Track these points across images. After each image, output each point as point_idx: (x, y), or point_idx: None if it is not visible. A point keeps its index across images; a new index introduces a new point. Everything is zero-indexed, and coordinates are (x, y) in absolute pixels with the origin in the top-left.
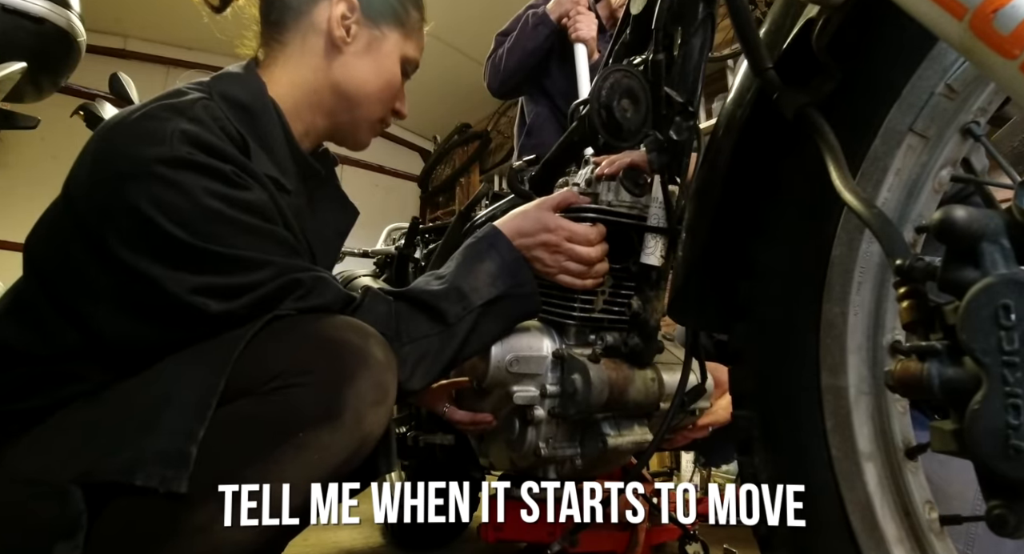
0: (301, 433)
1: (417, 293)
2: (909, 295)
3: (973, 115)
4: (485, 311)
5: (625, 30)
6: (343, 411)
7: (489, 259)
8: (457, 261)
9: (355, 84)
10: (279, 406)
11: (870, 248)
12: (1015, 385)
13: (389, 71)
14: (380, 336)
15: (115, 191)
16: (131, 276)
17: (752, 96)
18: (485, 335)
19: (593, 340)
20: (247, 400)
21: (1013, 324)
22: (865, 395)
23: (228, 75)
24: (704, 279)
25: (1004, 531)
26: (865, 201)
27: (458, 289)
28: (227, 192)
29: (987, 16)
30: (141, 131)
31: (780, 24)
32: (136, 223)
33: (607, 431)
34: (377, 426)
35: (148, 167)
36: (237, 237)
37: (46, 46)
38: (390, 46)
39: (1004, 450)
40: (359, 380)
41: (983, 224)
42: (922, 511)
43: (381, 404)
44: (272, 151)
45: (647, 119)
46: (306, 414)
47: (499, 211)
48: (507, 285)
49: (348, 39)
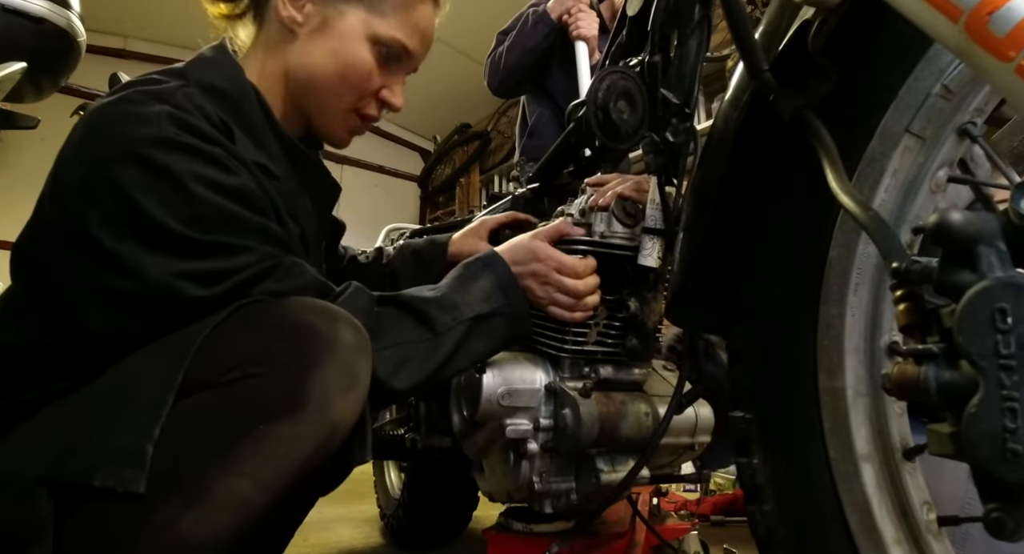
0: (261, 426)
1: (406, 298)
2: (906, 298)
3: (970, 116)
4: (475, 325)
5: (622, 31)
6: (306, 400)
7: (484, 277)
8: (451, 277)
9: (310, 69)
10: (236, 399)
11: (867, 249)
12: (1012, 388)
13: (349, 52)
14: (351, 317)
15: (100, 172)
16: (111, 260)
17: (748, 98)
18: (473, 351)
19: (587, 372)
20: (206, 393)
21: (1009, 327)
22: (863, 396)
23: (203, 61)
24: (702, 281)
25: (1002, 534)
26: (861, 203)
27: (450, 299)
28: (215, 176)
29: (982, 18)
30: (128, 113)
31: (776, 26)
32: (120, 206)
33: (601, 467)
34: (347, 414)
35: (135, 147)
36: (221, 223)
37: (46, 46)
38: (349, 24)
39: (1001, 453)
40: (323, 365)
41: (979, 227)
42: (920, 512)
43: (350, 390)
44: (256, 137)
45: (644, 121)
46: (265, 406)
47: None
48: (499, 303)
49: (299, 19)
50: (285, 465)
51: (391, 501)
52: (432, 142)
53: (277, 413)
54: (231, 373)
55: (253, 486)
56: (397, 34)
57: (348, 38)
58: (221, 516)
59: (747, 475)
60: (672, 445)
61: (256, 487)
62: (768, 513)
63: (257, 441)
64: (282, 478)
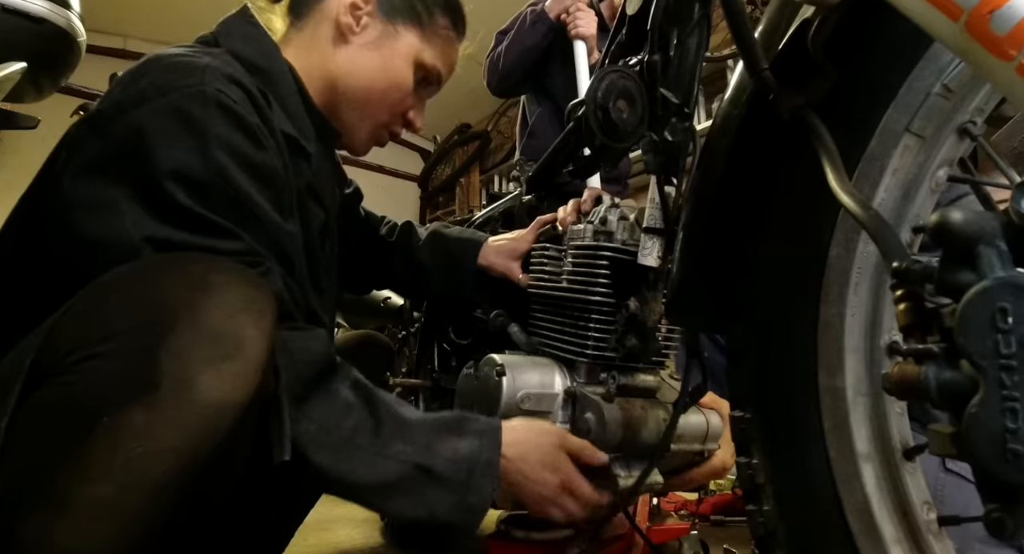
0: (106, 418)
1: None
2: (906, 297)
3: (970, 115)
4: (417, 476)
5: (621, 31)
6: (158, 381)
7: (467, 441)
8: (440, 417)
9: (358, 79)
10: (75, 387)
11: (867, 249)
12: (1012, 389)
13: (398, 71)
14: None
15: (125, 109)
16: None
17: (748, 97)
18: (398, 505)
19: (604, 378)
20: (51, 381)
21: (1010, 327)
22: (863, 396)
23: (238, 32)
24: (702, 280)
25: (1002, 535)
26: (861, 203)
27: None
28: (242, 147)
29: (983, 17)
30: (174, 63)
31: (776, 25)
32: (130, 149)
33: (618, 472)
34: (224, 392)
35: (170, 94)
36: (226, 201)
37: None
38: (403, 45)
39: (1002, 454)
40: (179, 333)
41: (980, 227)
42: (920, 512)
43: (226, 360)
44: (291, 114)
45: (643, 120)
46: (109, 392)
47: (496, 212)
48: (458, 476)
49: (356, 29)
50: (151, 461)
51: None
52: (432, 142)
53: (124, 400)
54: (72, 355)
55: (117, 490)
56: (437, 63)
57: (399, 58)
58: (93, 526)
59: (747, 475)
60: (684, 451)
61: (122, 490)
62: (768, 513)
63: (107, 438)
64: (155, 476)
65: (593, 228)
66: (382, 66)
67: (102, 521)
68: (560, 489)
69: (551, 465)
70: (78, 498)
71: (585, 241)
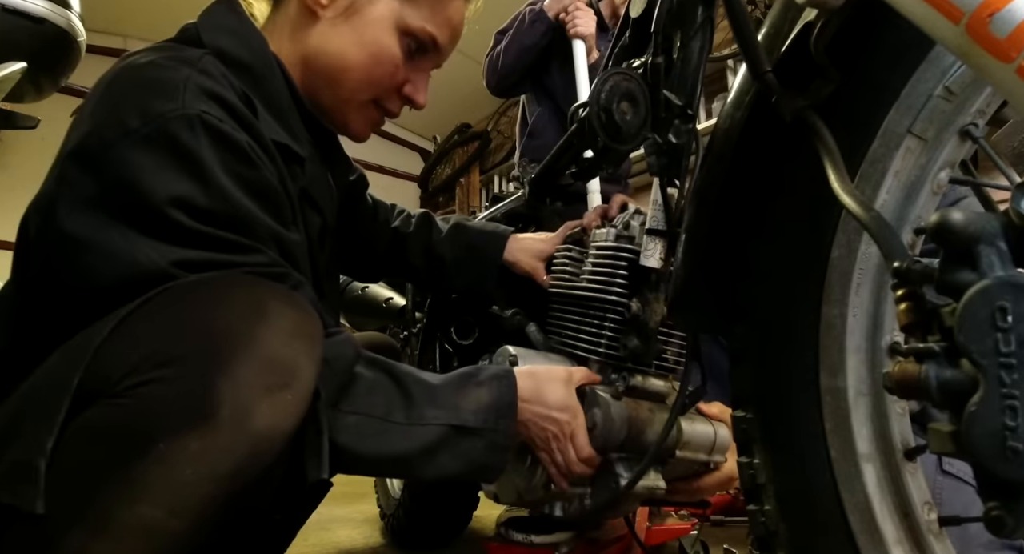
0: (162, 444)
1: (398, 371)
2: (907, 297)
3: (971, 117)
4: (451, 435)
5: (624, 33)
6: (216, 409)
7: (486, 389)
8: (456, 374)
9: (332, 56)
10: (132, 412)
11: (869, 249)
12: (1012, 387)
13: (376, 42)
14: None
15: (110, 142)
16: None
17: (751, 99)
18: (437, 465)
19: (615, 379)
20: (102, 404)
21: (1010, 326)
22: (864, 396)
23: (222, 25)
24: (704, 281)
25: (1002, 532)
26: (863, 204)
27: (441, 395)
28: (237, 168)
29: (983, 20)
30: (152, 80)
31: (778, 27)
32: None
33: (620, 472)
34: (278, 420)
35: (157, 123)
36: (234, 220)
37: (46, 46)
38: (379, 12)
39: (1002, 451)
40: (238, 362)
41: (980, 227)
42: (921, 512)
43: (280, 390)
44: (281, 115)
45: (646, 122)
46: (166, 419)
47: (498, 213)
48: (488, 423)
49: (324, 1)
50: (200, 487)
51: (391, 501)
52: (432, 142)
53: (181, 428)
54: (127, 379)
55: (162, 513)
56: (428, 26)
57: (377, 26)
58: (133, 546)
59: (748, 475)
60: (689, 460)
61: (166, 514)
62: (769, 513)
63: (160, 463)
64: (200, 502)
65: (616, 231)
66: (357, 40)
67: (141, 542)
68: (567, 430)
69: (561, 405)
70: (121, 519)
71: (607, 242)
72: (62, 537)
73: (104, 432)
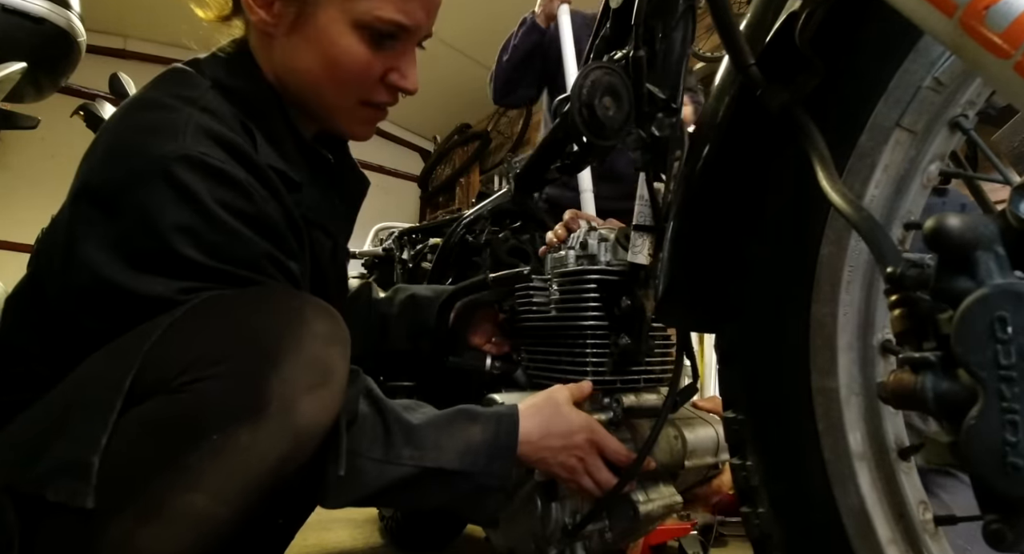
0: (216, 435)
1: (388, 408)
2: (901, 303)
3: (961, 108)
4: (427, 476)
5: (605, 24)
6: (267, 404)
7: (479, 427)
8: (451, 411)
9: (299, 72)
10: (188, 406)
11: (858, 246)
12: (1012, 401)
13: (334, 46)
14: (322, 303)
15: (124, 187)
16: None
17: (735, 92)
18: (423, 497)
19: (608, 403)
20: (158, 399)
21: (1009, 337)
22: (856, 396)
23: (218, 60)
24: (692, 279)
25: (1002, 546)
26: (853, 203)
27: (424, 435)
28: (237, 203)
29: (979, 13)
30: (154, 122)
31: (762, 18)
32: (140, 226)
33: (637, 498)
34: (318, 415)
35: (160, 165)
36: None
37: (46, 46)
38: (327, 15)
39: (1002, 468)
40: (285, 362)
41: (977, 232)
42: (916, 512)
43: (320, 387)
44: (277, 143)
45: (630, 116)
46: (219, 413)
47: (485, 210)
48: (476, 466)
49: (270, 20)
50: (246, 476)
51: None
52: (432, 142)
53: (233, 420)
54: (183, 376)
55: (210, 500)
56: (384, 13)
57: (329, 31)
58: (178, 532)
59: (741, 477)
60: (698, 467)
61: (214, 501)
62: (763, 515)
63: (212, 452)
64: (244, 490)
65: (575, 253)
66: (316, 49)
67: (187, 527)
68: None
69: (572, 429)
70: (171, 505)
71: (568, 268)
72: (109, 524)
73: (160, 424)
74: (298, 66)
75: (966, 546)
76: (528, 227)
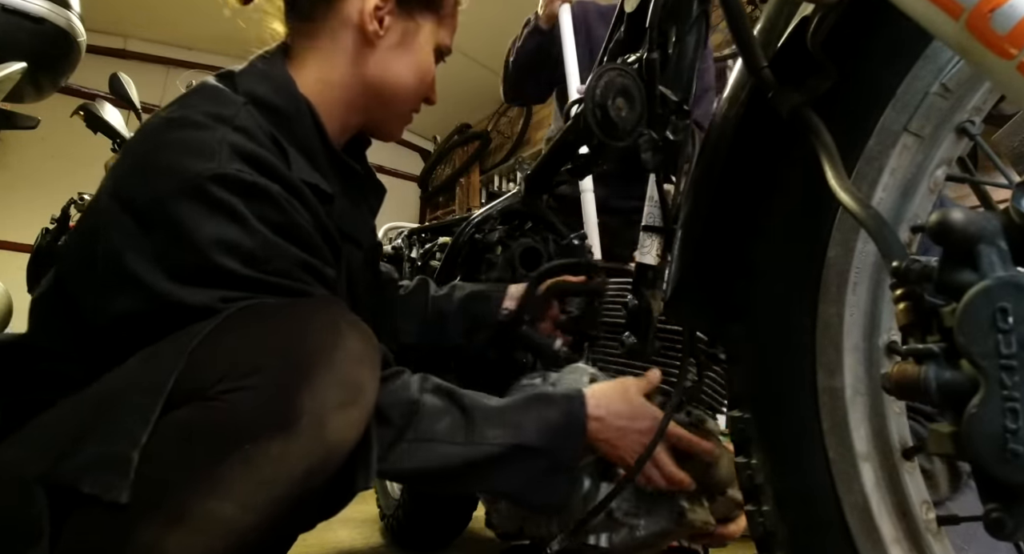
0: (248, 445)
1: (461, 397)
2: (905, 297)
3: (968, 114)
4: (513, 454)
5: (619, 28)
6: (298, 418)
7: (557, 408)
8: (523, 396)
9: (391, 81)
10: (222, 415)
11: (866, 248)
12: (1013, 389)
13: (424, 62)
14: (358, 322)
15: (158, 203)
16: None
17: (747, 95)
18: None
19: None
20: (194, 406)
21: (1011, 327)
22: (861, 396)
23: (254, 73)
24: (700, 279)
25: (1002, 534)
26: (861, 202)
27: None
28: (272, 216)
29: (984, 15)
30: (189, 141)
31: (775, 22)
32: (176, 242)
33: (684, 504)
34: (347, 432)
35: (195, 183)
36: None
37: (46, 46)
38: (425, 36)
39: (1002, 454)
40: (318, 378)
41: (980, 226)
42: (919, 511)
43: (350, 406)
44: (310, 156)
45: (642, 118)
46: (253, 424)
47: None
48: (552, 443)
49: (381, 32)
50: (275, 487)
51: (391, 501)
52: (432, 142)
53: (265, 432)
54: (220, 384)
55: (239, 509)
56: (450, 40)
57: (424, 50)
58: (205, 540)
59: (746, 475)
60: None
61: (243, 510)
62: (767, 513)
63: (243, 462)
64: (272, 501)
65: None
66: (413, 64)
67: (214, 536)
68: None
69: (637, 413)
70: (199, 512)
71: None
72: (137, 527)
73: (195, 431)
74: (391, 75)
75: (963, 546)
76: (537, 228)
